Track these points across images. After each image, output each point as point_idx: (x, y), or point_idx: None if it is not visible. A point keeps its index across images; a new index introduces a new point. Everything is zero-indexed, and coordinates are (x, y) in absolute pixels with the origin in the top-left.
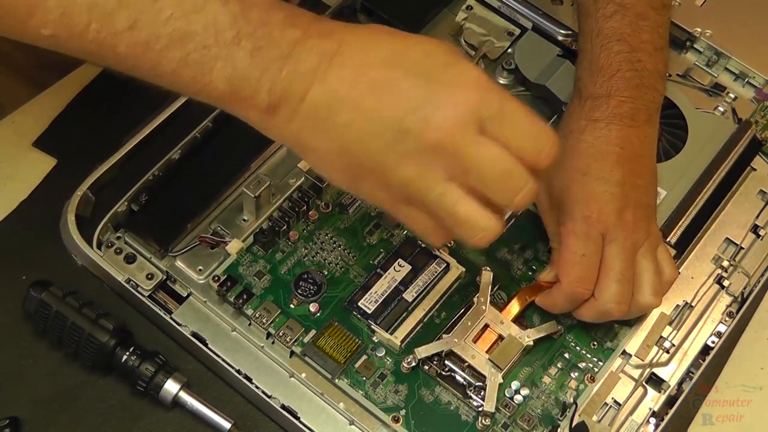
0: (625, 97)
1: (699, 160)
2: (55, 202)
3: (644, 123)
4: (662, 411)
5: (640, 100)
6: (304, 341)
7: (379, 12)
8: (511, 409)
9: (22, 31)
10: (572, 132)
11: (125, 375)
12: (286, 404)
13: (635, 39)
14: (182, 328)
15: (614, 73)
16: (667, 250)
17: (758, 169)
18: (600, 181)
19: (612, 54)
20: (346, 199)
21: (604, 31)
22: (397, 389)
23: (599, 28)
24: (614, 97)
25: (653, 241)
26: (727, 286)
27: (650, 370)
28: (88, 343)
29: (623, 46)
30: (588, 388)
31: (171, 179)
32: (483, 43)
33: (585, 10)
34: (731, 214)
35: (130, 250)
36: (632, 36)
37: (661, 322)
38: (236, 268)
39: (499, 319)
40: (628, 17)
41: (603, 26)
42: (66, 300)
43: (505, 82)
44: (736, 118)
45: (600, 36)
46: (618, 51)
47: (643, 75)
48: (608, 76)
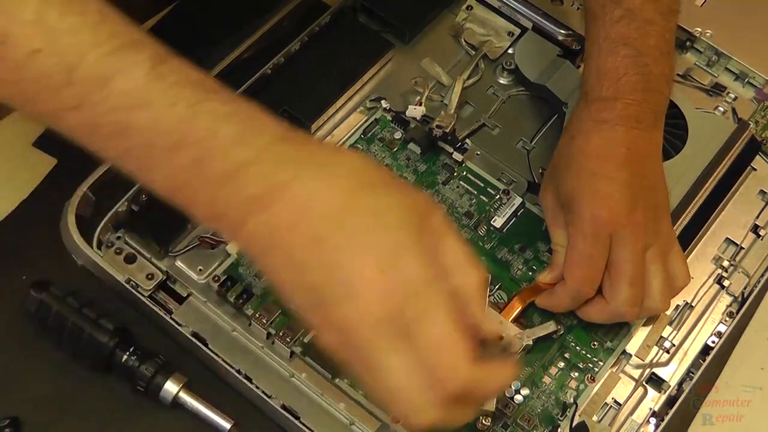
0: (631, 100)
1: (699, 160)
2: (55, 202)
3: (650, 126)
4: (662, 411)
5: (646, 103)
6: (304, 341)
7: (379, 12)
8: (511, 409)
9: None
10: (579, 134)
11: (125, 375)
12: (286, 404)
13: (642, 43)
14: (182, 328)
15: (621, 76)
16: (681, 254)
17: (758, 169)
18: (608, 180)
19: (619, 58)
20: None
21: (612, 35)
22: None
23: (606, 33)
24: (621, 100)
25: (663, 243)
26: (728, 286)
27: (650, 370)
28: (88, 343)
29: (630, 50)
30: (588, 388)
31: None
32: (483, 44)
33: (592, 14)
34: (731, 214)
35: (130, 250)
36: (639, 40)
37: (661, 322)
38: (236, 268)
39: (498, 320)
40: (635, 22)
41: (610, 30)
42: (66, 300)
43: (506, 82)
44: (736, 118)
45: (607, 40)
46: (625, 55)
47: (649, 79)
48: (615, 79)
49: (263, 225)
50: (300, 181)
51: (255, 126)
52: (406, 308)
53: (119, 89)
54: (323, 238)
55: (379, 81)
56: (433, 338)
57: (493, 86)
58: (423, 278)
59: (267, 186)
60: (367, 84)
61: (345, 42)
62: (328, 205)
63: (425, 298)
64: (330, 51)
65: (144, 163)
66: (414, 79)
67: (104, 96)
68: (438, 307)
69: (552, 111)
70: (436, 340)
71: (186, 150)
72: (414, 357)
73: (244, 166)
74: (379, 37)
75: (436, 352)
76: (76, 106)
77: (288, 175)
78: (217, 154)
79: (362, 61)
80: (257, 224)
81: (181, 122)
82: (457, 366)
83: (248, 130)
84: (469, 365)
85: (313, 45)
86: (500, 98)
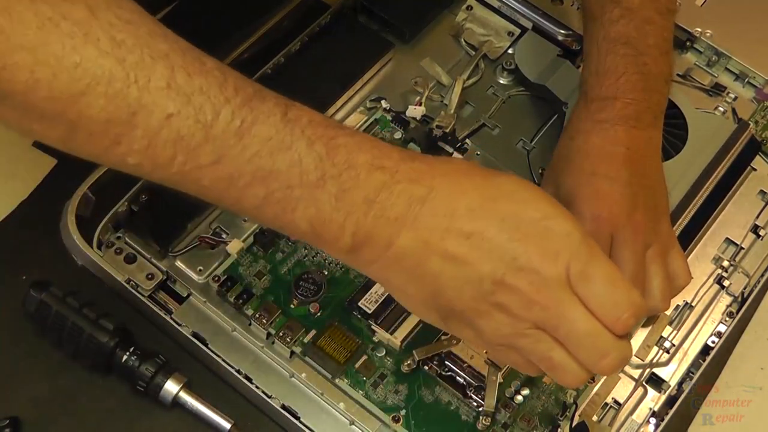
0: (630, 99)
1: (699, 160)
2: (55, 202)
3: (649, 125)
4: (662, 411)
5: (645, 102)
6: (304, 341)
7: (380, 13)
8: (511, 409)
9: (105, 156)
10: (578, 133)
11: (125, 375)
12: (286, 404)
13: (641, 43)
14: (182, 328)
15: (620, 75)
16: (681, 253)
17: (758, 169)
18: (608, 180)
19: (618, 57)
20: None
21: (611, 34)
22: (397, 389)
23: (606, 32)
24: (620, 99)
25: (664, 242)
26: (727, 286)
27: (650, 370)
28: (88, 343)
29: (629, 50)
30: (588, 388)
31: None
32: (483, 44)
33: (591, 14)
34: (731, 214)
35: (130, 250)
36: (638, 40)
37: (661, 322)
38: (236, 268)
39: None
40: (634, 21)
41: (609, 30)
42: (66, 300)
43: (506, 82)
44: (737, 118)
45: (606, 40)
46: (624, 54)
47: (648, 78)
48: (614, 78)
49: (413, 241)
50: (436, 191)
51: (383, 151)
52: (571, 264)
53: (259, 137)
54: (476, 232)
55: (379, 81)
56: (605, 279)
57: (493, 86)
58: (577, 236)
59: (409, 203)
60: (367, 84)
61: (345, 42)
62: (469, 204)
63: (585, 249)
64: (330, 51)
65: (285, 206)
66: (414, 79)
67: (244, 146)
68: (598, 255)
69: (552, 111)
70: (608, 280)
71: (330, 184)
72: (593, 301)
73: (386, 188)
74: (379, 37)
75: (610, 290)
76: (215, 161)
77: (424, 189)
78: (357, 182)
79: (362, 61)
80: (407, 241)
81: (321, 159)
82: (630, 297)
83: (378, 157)
84: (637, 294)
85: (313, 45)
86: (500, 98)
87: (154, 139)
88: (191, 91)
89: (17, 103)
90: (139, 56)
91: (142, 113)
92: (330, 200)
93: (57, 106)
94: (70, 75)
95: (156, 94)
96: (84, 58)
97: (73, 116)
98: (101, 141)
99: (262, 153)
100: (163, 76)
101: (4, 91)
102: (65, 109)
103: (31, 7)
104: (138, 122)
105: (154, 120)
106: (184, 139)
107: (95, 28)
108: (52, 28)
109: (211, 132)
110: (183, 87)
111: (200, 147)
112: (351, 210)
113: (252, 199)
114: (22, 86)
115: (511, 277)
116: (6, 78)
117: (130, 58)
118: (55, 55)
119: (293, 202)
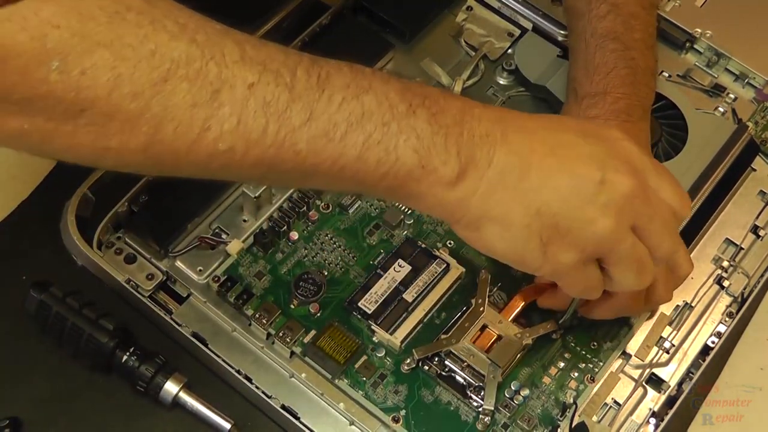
0: (621, 94)
1: (699, 161)
2: (55, 202)
3: (639, 119)
4: (662, 411)
5: (635, 96)
6: (304, 341)
7: (379, 13)
8: (511, 409)
9: (194, 150)
10: None
11: (125, 375)
12: (286, 404)
13: (628, 38)
14: (182, 328)
15: (610, 70)
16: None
17: (758, 170)
18: None
19: (607, 52)
20: (346, 199)
21: (599, 30)
22: (397, 389)
23: (593, 28)
24: (611, 94)
25: None
26: (727, 287)
27: (650, 370)
28: (88, 343)
29: (618, 45)
30: (588, 389)
31: (171, 179)
32: (483, 44)
33: (577, 11)
34: (731, 215)
35: (130, 250)
36: (625, 35)
37: (661, 323)
38: (236, 268)
39: (497, 319)
40: (621, 17)
41: (597, 26)
42: (66, 300)
43: (506, 83)
44: (736, 119)
45: (594, 36)
46: (613, 49)
47: (636, 72)
48: (604, 73)
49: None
50: (508, 113)
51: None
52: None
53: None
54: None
55: None
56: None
57: (493, 87)
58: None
59: (491, 122)
60: None
61: (345, 42)
62: (542, 123)
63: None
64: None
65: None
66: (414, 79)
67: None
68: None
69: (552, 111)
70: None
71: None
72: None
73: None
74: (379, 37)
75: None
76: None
77: (496, 111)
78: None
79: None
80: (503, 156)
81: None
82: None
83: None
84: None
85: (313, 45)
86: (500, 99)
87: (243, 113)
88: (263, 59)
89: (98, 112)
90: (205, 35)
91: (225, 89)
92: (426, 126)
93: (141, 102)
94: (149, 64)
95: (234, 68)
96: (158, 44)
97: (158, 109)
98: (189, 132)
99: (348, 98)
100: (234, 50)
101: (85, 101)
102: (149, 104)
103: (95, 3)
104: (223, 99)
105: (237, 93)
106: (271, 104)
107: (158, 15)
108: (120, 21)
109: (295, 91)
110: (254, 57)
111: (289, 108)
112: (447, 131)
113: (352, 150)
114: (105, 87)
115: (612, 174)
116: (86, 84)
117: (199, 37)
118: (131, 46)
119: (393, 138)
